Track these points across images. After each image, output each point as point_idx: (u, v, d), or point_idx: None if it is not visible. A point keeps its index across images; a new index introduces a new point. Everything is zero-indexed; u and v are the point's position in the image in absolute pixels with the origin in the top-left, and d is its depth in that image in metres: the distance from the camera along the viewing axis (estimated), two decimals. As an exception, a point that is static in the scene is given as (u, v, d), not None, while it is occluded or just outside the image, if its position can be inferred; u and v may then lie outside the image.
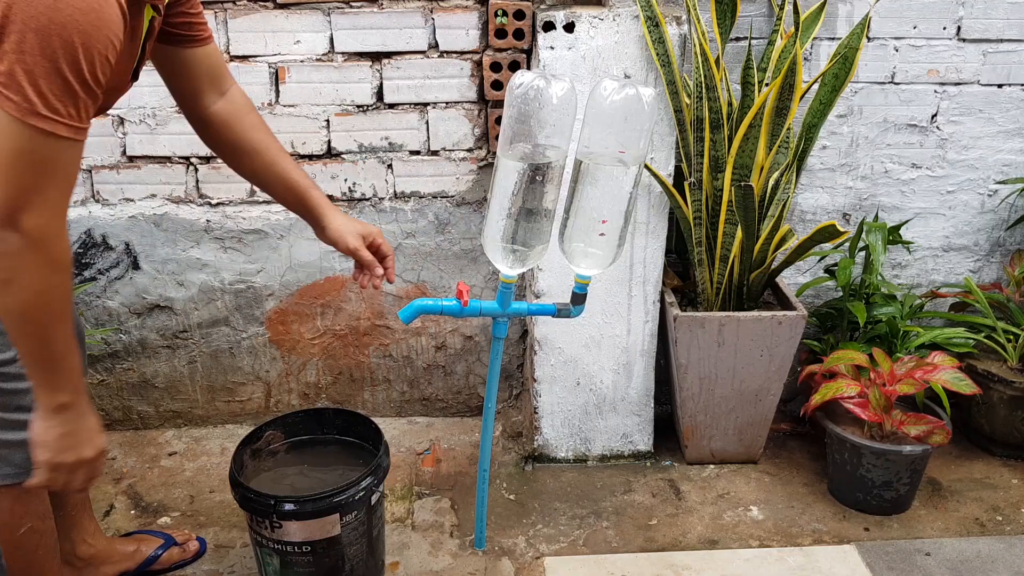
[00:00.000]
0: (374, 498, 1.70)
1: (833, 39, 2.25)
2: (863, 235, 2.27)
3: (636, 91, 1.41)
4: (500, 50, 2.13)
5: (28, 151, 1.04)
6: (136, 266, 2.29)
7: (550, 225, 1.51)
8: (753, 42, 2.19)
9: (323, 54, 2.14)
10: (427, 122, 2.22)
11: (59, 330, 1.15)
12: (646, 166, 2.06)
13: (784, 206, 2.10)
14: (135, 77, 1.30)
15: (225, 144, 1.53)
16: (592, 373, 2.25)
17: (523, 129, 1.42)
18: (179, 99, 1.51)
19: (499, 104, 2.19)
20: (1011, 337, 2.29)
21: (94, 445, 1.23)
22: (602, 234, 1.51)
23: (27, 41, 0.99)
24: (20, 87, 1.01)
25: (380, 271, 1.59)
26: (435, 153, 2.25)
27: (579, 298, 1.63)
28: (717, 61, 2.07)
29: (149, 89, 2.10)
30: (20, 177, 1.05)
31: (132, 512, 2.11)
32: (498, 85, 2.15)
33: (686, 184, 2.14)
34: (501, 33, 2.09)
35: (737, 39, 2.23)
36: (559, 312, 1.65)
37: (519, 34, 2.09)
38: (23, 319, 1.13)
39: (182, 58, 1.44)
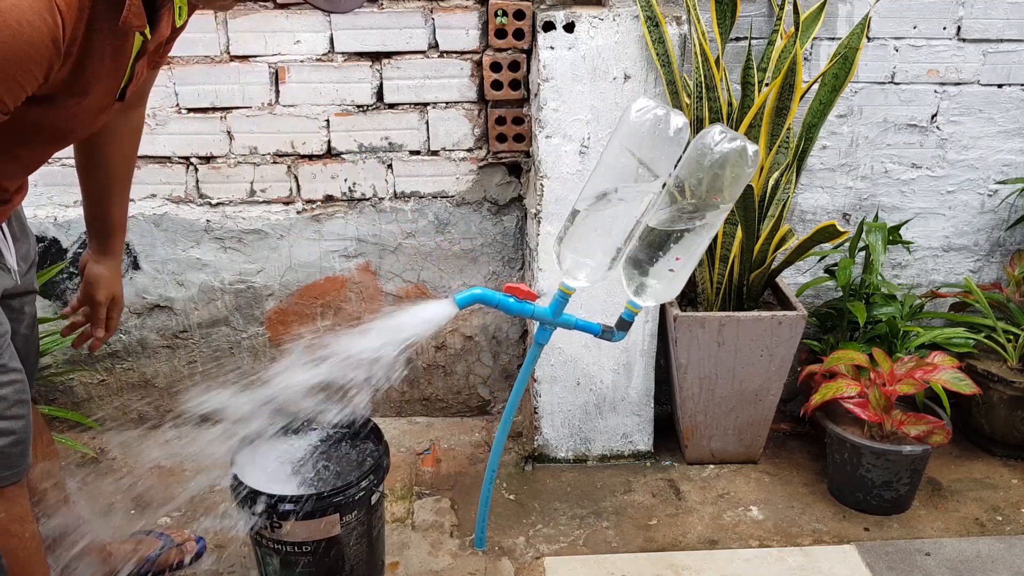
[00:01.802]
0: (374, 498, 1.70)
1: (833, 39, 2.25)
2: (863, 235, 2.27)
3: (743, 144, 1.41)
4: (500, 50, 2.13)
5: None
6: (136, 266, 2.29)
7: (626, 249, 1.52)
8: (753, 42, 2.19)
9: (323, 54, 2.14)
10: (427, 122, 2.22)
11: None
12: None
13: (784, 206, 2.10)
14: (122, 96, 1.27)
15: (92, 145, 1.51)
16: (592, 373, 2.25)
17: (635, 151, 1.44)
18: None
19: (499, 104, 2.19)
20: (1011, 337, 2.29)
21: None
22: (671, 270, 1.50)
23: None
24: None
25: (102, 332, 1.63)
26: (435, 153, 2.25)
27: (626, 324, 1.60)
28: (717, 61, 2.07)
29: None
30: None
31: (132, 512, 2.11)
32: (498, 85, 2.15)
33: (686, 184, 2.14)
34: (501, 33, 2.09)
35: (737, 39, 2.23)
36: (603, 333, 1.63)
37: (519, 34, 2.09)
38: None
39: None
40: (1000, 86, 2.34)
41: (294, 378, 1.64)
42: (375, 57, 2.16)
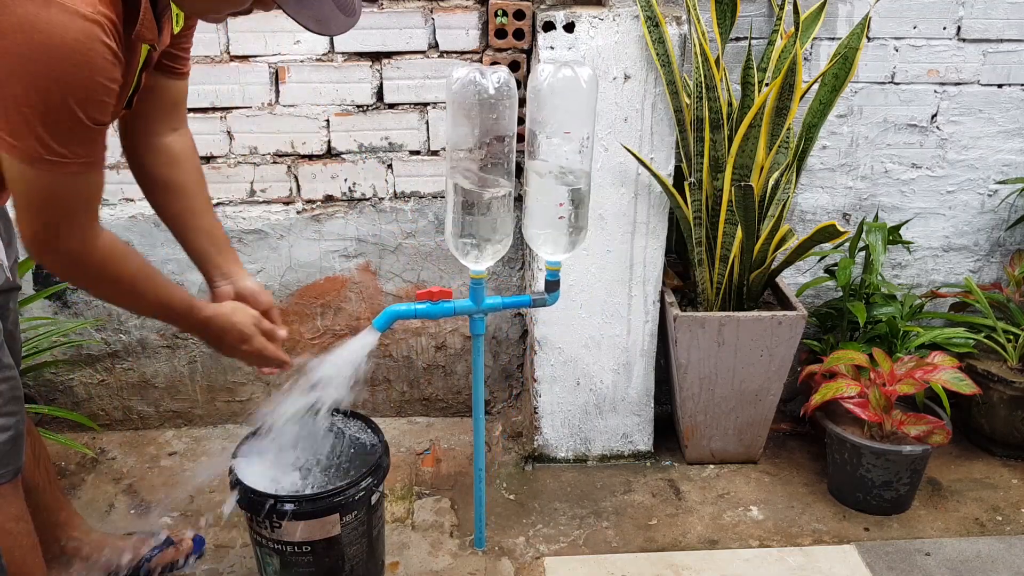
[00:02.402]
0: (374, 498, 1.70)
1: (833, 39, 2.25)
2: (863, 235, 2.27)
3: (573, 72, 1.42)
4: (500, 50, 2.13)
5: (46, 189, 1.14)
6: (136, 266, 2.29)
7: (507, 215, 1.52)
8: (753, 42, 2.19)
9: (323, 54, 2.14)
10: (427, 122, 2.22)
11: (143, 300, 1.36)
12: (646, 166, 2.06)
13: (784, 206, 2.10)
14: (129, 104, 1.32)
15: (159, 178, 1.53)
16: (592, 373, 2.25)
17: (465, 122, 1.44)
18: (131, 120, 1.50)
19: (499, 104, 2.19)
20: (1011, 337, 2.29)
21: (241, 350, 1.48)
22: (560, 217, 1.53)
23: (21, 96, 1.05)
24: (24, 136, 1.08)
25: (285, 330, 1.59)
26: (435, 153, 2.25)
27: (552, 285, 1.65)
28: (717, 61, 2.07)
29: (149, 89, 2.10)
30: (48, 210, 1.16)
31: (132, 512, 2.11)
32: (498, 85, 2.15)
33: (686, 184, 2.14)
34: (501, 33, 2.09)
35: (737, 39, 2.23)
36: (535, 302, 1.66)
37: (519, 34, 2.09)
38: (114, 303, 1.47)
39: (152, 82, 1.44)
40: (1000, 86, 2.34)
41: (258, 448, 1.69)
42: (375, 57, 2.16)
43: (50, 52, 1.03)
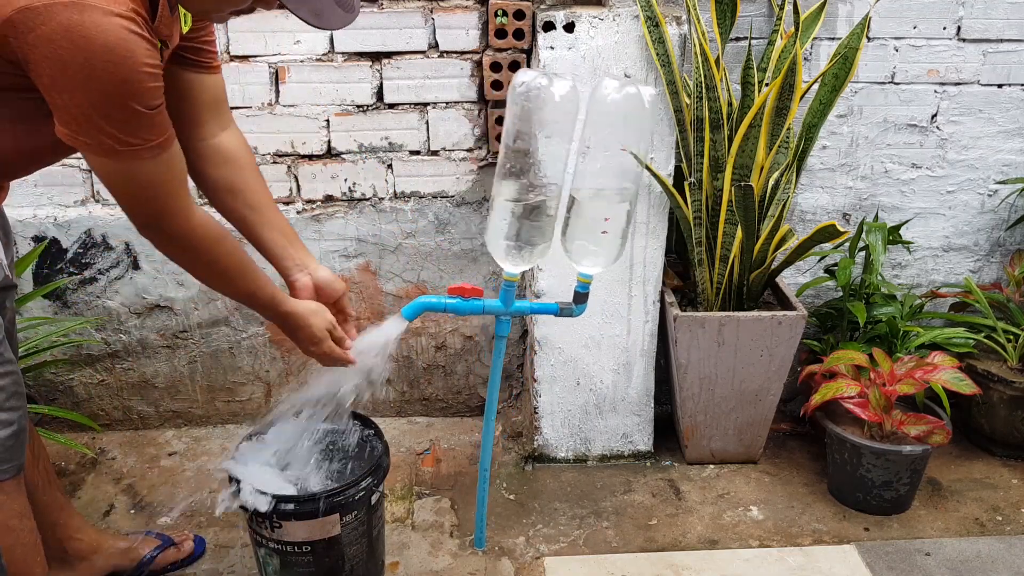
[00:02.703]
0: (374, 498, 1.70)
1: (833, 39, 2.25)
2: (863, 235, 2.27)
3: (637, 90, 1.42)
4: (500, 50, 2.13)
5: (128, 175, 1.22)
6: (136, 266, 2.29)
7: (552, 222, 1.52)
8: (753, 42, 2.19)
9: (323, 54, 2.15)
10: (427, 122, 2.22)
11: (232, 286, 1.44)
12: (646, 166, 2.06)
13: (784, 206, 2.10)
14: None
15: (219, 180, 1.54)
16: (592, 373, 2.25)
17: (525, 127, 1.43)
18: (177, 125, 1.52)
19: (499, 104, 2.19)
20: (1011, 337, 2.29)
21: (310, 350, 1.56)
22: (604, 232, 1.52)
23: (80, 99, 1.12)
24: (93, 134, 1.16)
25: (353, 311, 1.69)
26: (435, 153, 2.25)
27: (581, 297, 1.63)
28: (717, 61, 2.07)
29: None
30: (134, 194, 1.25)
31: (131, 512, 2.11)
32: (498, 85, 2.15)
33: (686, 184, 2.14)
34: (501, 33, 2.09)
35: (737, 39, 2.23)
36: (562, 311, 1.65)
37: (519, 34, 2.09)
38: (207, 284, 1.48)
39: (186, 81, 1.46)
40: (1000, 86, 2.34)
41: (289, 430, 1.70)
42: (375, 57, 2.16)
43: (95, 54, 1.08)
